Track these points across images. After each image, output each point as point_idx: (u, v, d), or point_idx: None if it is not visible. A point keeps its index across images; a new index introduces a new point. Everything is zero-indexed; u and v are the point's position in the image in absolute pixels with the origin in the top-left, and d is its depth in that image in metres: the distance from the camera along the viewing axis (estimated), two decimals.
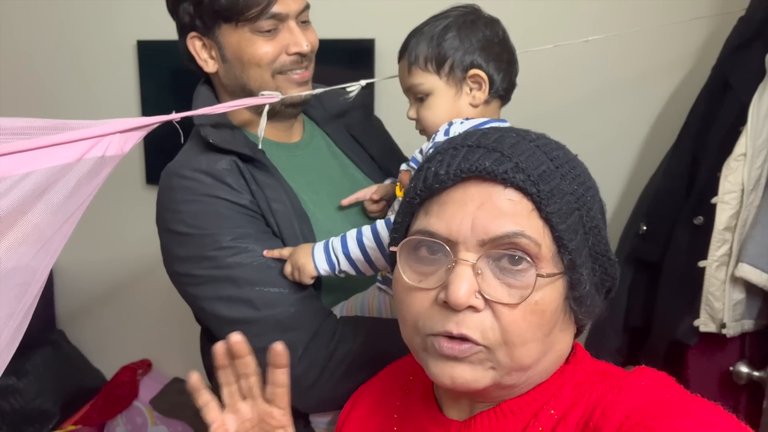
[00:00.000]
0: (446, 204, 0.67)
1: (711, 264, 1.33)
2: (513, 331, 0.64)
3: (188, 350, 2.58)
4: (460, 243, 0.65)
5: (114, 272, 2.61)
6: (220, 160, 1.13)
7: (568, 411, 0.66)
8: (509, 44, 1.12)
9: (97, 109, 2.46)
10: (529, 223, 0.64)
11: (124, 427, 2.50)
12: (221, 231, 1.10)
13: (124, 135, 0.82)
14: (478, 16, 1.11)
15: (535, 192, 0.64)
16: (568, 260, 0.66)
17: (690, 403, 0.60)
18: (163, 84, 2.33)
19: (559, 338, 0.69)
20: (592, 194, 0.70)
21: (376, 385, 0.92)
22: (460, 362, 0.65)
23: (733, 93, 1.39)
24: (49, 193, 0.72)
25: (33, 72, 2.53)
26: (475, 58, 1.07)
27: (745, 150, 1.29)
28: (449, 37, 1.07)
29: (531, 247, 0.64)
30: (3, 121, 0.71)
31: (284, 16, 1.14)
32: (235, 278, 1.09)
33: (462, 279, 0.63)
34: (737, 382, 1.35)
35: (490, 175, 0.65)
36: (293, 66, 1.17)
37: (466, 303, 0.63)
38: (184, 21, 1.18)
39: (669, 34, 1.64)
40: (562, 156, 0.70)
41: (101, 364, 2.69)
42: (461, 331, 0.64)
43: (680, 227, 1.43)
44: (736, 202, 1.30)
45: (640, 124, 1.78)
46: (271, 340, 1.03)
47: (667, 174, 1.51)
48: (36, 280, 0.77)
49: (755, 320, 1.34)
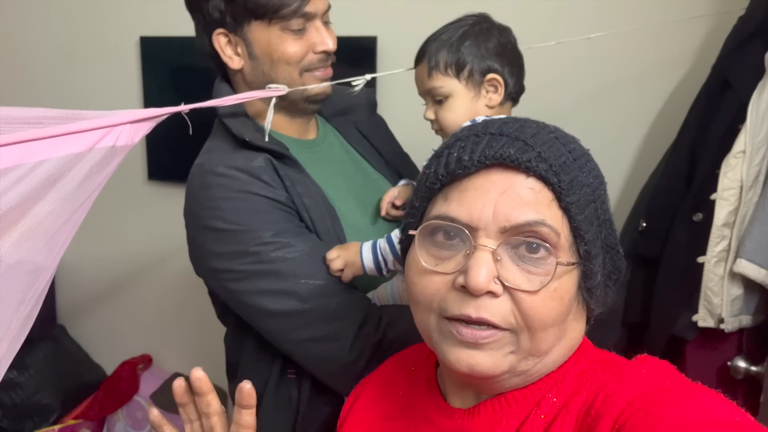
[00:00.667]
0: (467, 190, 0.67)
1: (710, 260, 1.34)
2: (534, 317, 0.64)
3: (189, 345, 2.59)
4: (480, 229, 0.65)
5: (115, 267, 2.62)
6: (256, 158, 1.16)
7: (570, 399, 0.67)
8: (518, 50, 1.20)
9: (99, 105, 2.46)
10: (549, 212, 0.65)
11: (125, 422, 2.50)
12: (262, 227, 1.12)
13: (134, 125, 0.83)
14: (491, 24, 1.18)
15: (556, 182, 0.65)
16: (584, 251, 0.67)
17: (691, 390, 0.61)
18: (166, 80, 2.34)
19: (572, 326, 0.70)
20: (604, 188, 0.71)
21: (378, 376, 0.92)
22: (479, 350, 0.65)
23: (733, 91, 1.40)
24: (62, 181, 0.73)
25: (36, 68, 2.54)
26: (491, 63, 1.14)
27: (744, 147, 1.31)
28: (467, 44, 1.14)
29: (551, 236, 0.64)
30: (16, 111, 0.72)
31: (312, 15, 1.17)
32: (279, 272, 1.11)
33: (482, 264, 0.63)
34: (735, 377, 1.36)
35: (514, 163, 0.65)
36: (319, 64, 1.20)
37: (486, 288, 0.63)
38: (212, 17, 1.18)
39: (669, 33, 1.66)
40: (578, 149, 0.71)
41: (102, 359, 2.70)
42: (480, 315, 0.64)
43: (679, 224, 1.44)
44: (735, 198, 1.32)
45: (640, 121, 1.79)
46: (320, 330, 1.11)
47: (666, 171, 1.52)
48: (47, 267, 0.78)
49: (753, 315, 1.36)
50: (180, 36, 2.27)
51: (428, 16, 1.94)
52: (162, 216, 2.50)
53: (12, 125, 0.73)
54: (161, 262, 2.55)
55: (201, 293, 2.52)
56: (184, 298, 2.54)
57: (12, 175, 0.71)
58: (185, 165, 2.33)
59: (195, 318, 2.54)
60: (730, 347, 1.38)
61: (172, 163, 2.39)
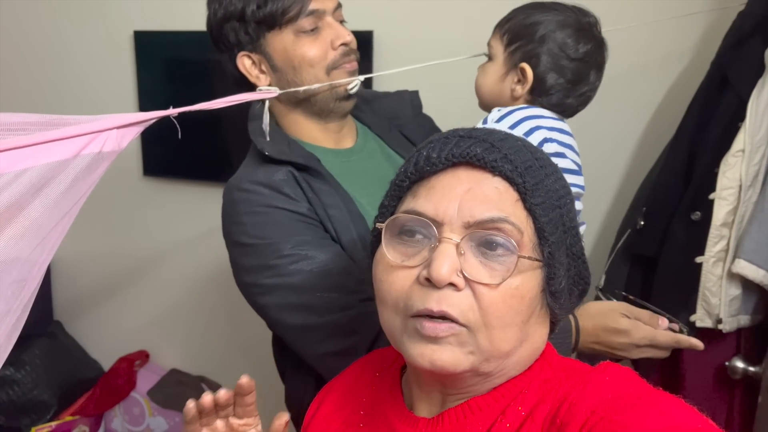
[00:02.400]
0: (435, 188, 0.69)
1: (708, 260, 1.33)
2: (492, 313, 0.65)
3: (186, 342, 2.59)
4: (445, 224, 0.67)
5: (111, 263, 2.61)
6: (277, 171, 1.16)
7: (535, 407, 0.67)
8: (590, 69, 1.12)
9: (93, 99, 2.46)
10: (513, 211, 0.67)
11: (122, 418, 2.50)
12: (282, 239, 1.12)
13: (121, 130, 0.81)
14: (587, 28, 1.11)
15: (521, 182, 0.67)
16: (547, 252, 0.68)
17: (653, 397, 0.62)
18: (161, 74, 2.32)
19: (535, 330, 0.70)
20: (570, 199, 0.73)
21: (342, 381, 0.91)
22: (440, 344, 0.66)
23: (732, 89, 1.38)
24: (47, 189, 0.72)
25: (29, 63, 2.52)
26: (539, 55, 1.09)
27: (743, 146, 1.29)
28: (542, 26, 1.09)
29: (514, 233, 0.66)
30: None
31: (322, 12, 1.16)
32: (296, 285, 1.11)
33: (445, 256, 0.65)
34: (732, 377, 1.35)
35: (480, 162, 0.68)
36: (343, 59, 1.19)
37: (448, 279, 0.64)
38: (231, 42, 1.20)
39: (667, 29, 1.64)
40: (545, 159, 0.73)
41: (99, 355, 2.70)
42: (441, 308, 0.65)
43: (677, 222, 1.43)
44: (733, 198, 1.30)
45: (638, 118, 1.77)
46: (337, 345, 1.11)
47: (664, 169, 1.51)
48: (33, 276, 0.77)
49: (751, 315, 1.35)
50: (174, 30, 2.25)
51: (424, 10, 1.93)
52: (158, 211, 2.49)
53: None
54: (157, 257, 2.54)
55: (198, 288, 2.52)
56: (181, 294, 2.54)
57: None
58: (180, 160, 2.35)
59: (192, 313, 2.54)
60: (728, 347, 1.37)
61: (167, 159, 2.38)
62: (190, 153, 2.27)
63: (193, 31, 2.21)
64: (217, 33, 1.21)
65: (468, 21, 1.85)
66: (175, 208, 2.46)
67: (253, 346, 2.35)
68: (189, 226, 2.45)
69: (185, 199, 2.42)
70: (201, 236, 2.44)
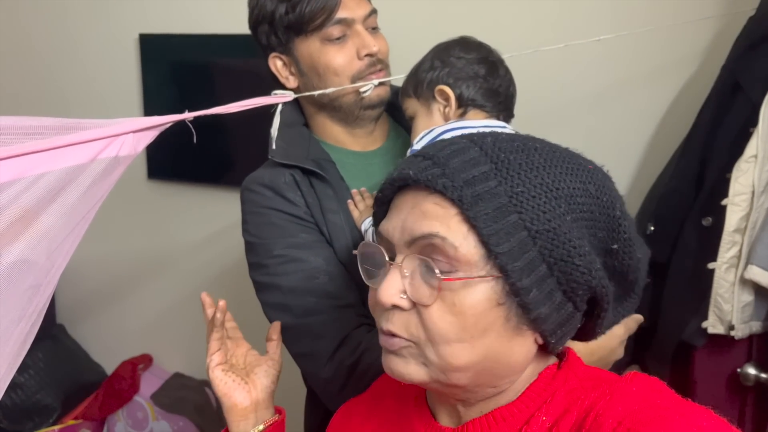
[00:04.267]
0: (392, 209, 0.72)
1: (720, 266, 1.32)
2: (431, 329, 0.66)
3: (190, 345, 2.58)
4: (395, 244, 0.69)
5: (114, 266, 2.60)
6: (283, 174, 1.21)
7: (561, 417, 0.67)
8: (487, 56, 1.17)
9: (99, 102, 2.45)
10: (450, 226, 0.65)
11: (125, 422, 2.49)
12: (275, 240, 1.18)
13: (137, 135, 0.81)
14: (458, 41, 1.18)
15: (456, 197, 0.65)
16: (498, 264, 0.64)
17: (681, 408, 0.61)
18: (166, 78, 2.32)
19: (497, 344, 0.66)
20: (552, 197, 0.65)
21: (369, 393, 0.92)
22: (395, 356, 0.70)
23: (744, 94, 1.38)
24: (64, 194, 0.71)
25: (35, 65, 2.51)
26: (439, 75, 1.15)
27: (756, 152, 1.28)
28: (425, 63, 1.17)
29: (447, 249, 0.65)
30: (16, 121, 0.70)
31: (351, 21, 1.16)
32: (281, 286, 1.17)
33: (388, 281, 0.68)
34: (744, 384, 1.34)
35: (416, 182, 0.69)
36: (369, 70, 1.19)
37: (389, 303, 0.67)
38: (263, 42, 1.22)
39: (677, 33, 1.63)
40: (522, 159, 0.67)
41: (102, 359, 2.69)
42: (389, 328, 0.69)
43: (688, 228, 1.42)
44: (746, 204, 1.30)
45: (648, 123, 1.77)
46: (304, 347, 1.16)
47: (675, 174, 1.50)
48: (48, 282, 0.77)
49: (763, 322, 1.34)
50: (179, 33, 2.25)
51: (427, 13, 1.93)
52: (162, 215, 2.48)
53: (11, 136, 0.71)
54: (161, 260, 2.53)
55: (200, 292, 2.50)
56: (185, 297, 2.52)
57: (13, 189, 0.69)
58: (185, 164, 2.35)
59: (196, 317, 2.52)
60: (740, 354, 1.36)
61: (171, 162, 2.37)
62: (195, 156, 2.26)
63: (199, 35, 2.21)
64: (253, 34, 1.24)
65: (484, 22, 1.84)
66: (180, 211, 2.45)
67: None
68: (193, 229, 2.44)
69: (190, 202, 2.42)
70: (205, 239, 2.43)
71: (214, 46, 2.20)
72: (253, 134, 2.12)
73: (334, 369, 1.13)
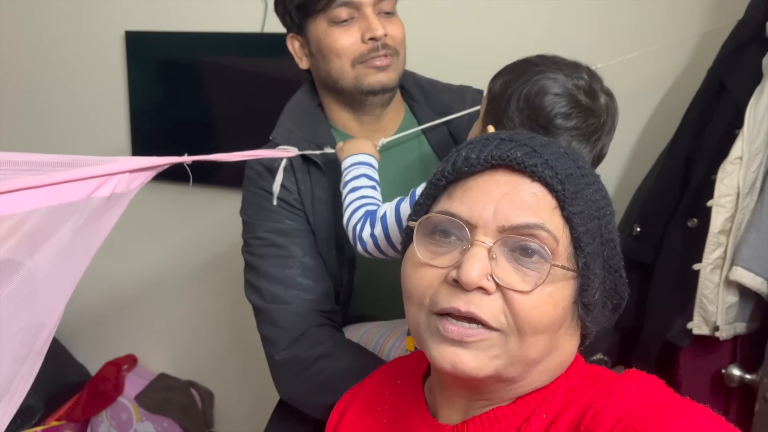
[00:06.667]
0: (471, 189, 0.68)
1: (705, 267, 1.32)
2: (525, 318, 0.64)
3: (175, 345, 2.56)
4: (479, 227, 0.66)
5: (98, 266, 2.56)
6: (283, 158, 1.21)
7: (559, 414, 0.67)
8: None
9: (83, 101, 2.42)
10: (550, 218, 0.66)
11: (109, 423, 2.46)
12: (260, 222, 1.22)
13: (132, 174, 0.80)
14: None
15: (560, 190, 0.66)
16: (582, 263, 0.67)
17: (680, 406, 0.61)
18: (152, 76, 2.30)
19: (564, 341, 0.69)
20: (611, 210, 0.72)
21: (365, 389, 0.91)
22: (465, 348, 0.65)
23: (729, 95, 1.39)
24: (57, 233, 0.69)
25: (16, 63, 2.48)
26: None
27: (741, 153, 1.29)
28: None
29: (549, 241, 0.65)
30: (8, 156, 0.68)
31: (358, 3, 1.14)
32: (257, 268, 1.21)
33: (476, 259, 0.64)
34: (729, 385, 1.35)
35: (520, 166, 0.66)
36: (371, 54, 1.16)
37: (477, 283, 0.63)
38: (283, 23, 1.24)
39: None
40: (587, 167, 0.72)
41: (85, 360, 2.66)
42: (470, 309, 0.63)
43: (674, 229, 1.43)
44: (731, 205, 1.30)
45: (634, 125, 1.77)
46: (266, 331, 1.21)
47: (661, 175, 1.51)
48: (41, 324, 0.75)
49: (747, 323, 1.35)
50: (166, 31, 2.23)
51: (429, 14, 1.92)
52: (145, 214, 2.45)
53: (5, 171, 0.68)
54: (146, 260, 2.51)
55: (186, 292, 2.49)
56: (170, 297, 2.51)
57: (4, 226, 0.67)
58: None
59: (181, 317, 2.51)
60: (724, 355, 1.37)
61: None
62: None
63: (186, 32, 2.19)
64: (277, 14, 1.25)
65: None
66: (164, 211, 2.42)
67: (242, 350, 2.33)
68: (178, 229, 2.42)
69: (174, 202, 2.39)
70: (190, 239, 2.41)
71: (201, 43, 2.19)
72: (241, 134, 2.10)
73: (287, 360, 1.17)
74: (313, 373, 1.15)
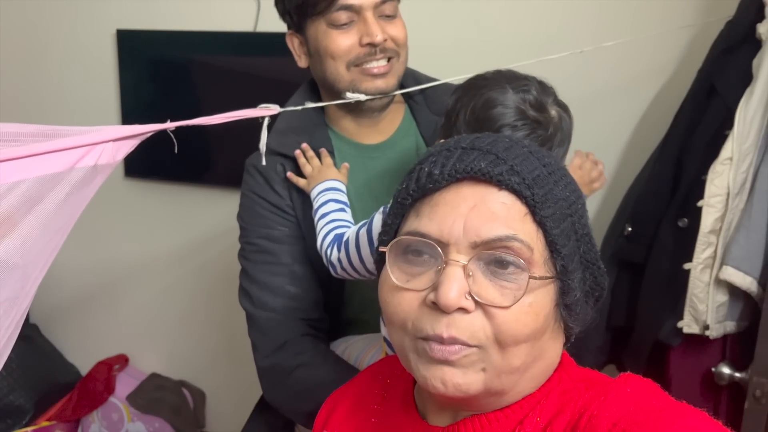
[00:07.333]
0: (438, 205, 0.66)
1: (696, 266, 1.33)
2: (506, 332, 0.63)
3: (166, 346, 2.55)
4: (451, 245, 0.64)
5: (89, 265, 2.56)
6: (277, 163, 1.23)
7: (554, 418, 0.66)
8: None
9: (74, 100, 2.41)
10: (522, 227, 0.64)
11: (100, 423, 2.45)
12: (254, 227, 1.23)
13: (116, 143, 0.78)
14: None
15: (529, 195, 0.64)
16: (560, 266, 0.65)
17: (677, 410, 0.60)
18: (143, 74, 2.29)
19: (549, 345, 0.68)
20: (582, 203, 0.71)
21: (353, 388, 0.90)
22: (451, 366, 0.64)
23: (719, 97, 1.39)
24: (41, 203, 0.69)
25: (6, 61, 2.46)
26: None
27: (731, 154, 1.30)
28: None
29: (523, 251, 0.63)
30: None
31: (358, 7, 1.13)
32: (249, 273, 1.23)
33: (452, 280, 0.62)
34: (719, 383, 1.36)
35: (485, 177, 0.64)
36: (367, 58, 1.15)
37: (457, 305, 0.62)
38: (284, 20, 1.24)
39: (655, 39, 1.65)
40: (554, 163, 0.70)
41: (76, 360, 2.64)
42: (451, 334, 0.63)
43: (665, 229, 1.44)
44: (721, 205, 1.31)
45: (625, 125, 1.78)
46: (252, 336, 1.23)
47: (652, 176, 1.52)
48: (25, 294, 0.74)
49: (737, 322, 1.36)
50: (158, 30, 2.22)
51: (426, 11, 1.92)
52: (138, 214, 2.44)
53: None
54: (137, 260, 2.50)
55: (178, 291, 2.48)
56: (161, 297, 2.50)
57: None
58: (163, 161, 2.31)
59: (172, 317, 2.50)
60: (714, 353, 1.38)
61: (149, 160, 2.33)
62: (173, 154, 2.23)
63: (178, 31, 2.18)
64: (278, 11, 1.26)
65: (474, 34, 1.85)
66: (157, 210, 2.42)
67: (234, 349, 2.32)
68: (170, 229, 2.41)
69: (167, 201, 2.39)
70: (182, 238, 2.40)
71: (194, 42, 2.18)
72: (234, 132, 2.10)
73: (267, 368, 1.20)
74: (293, 381, 1.17)
